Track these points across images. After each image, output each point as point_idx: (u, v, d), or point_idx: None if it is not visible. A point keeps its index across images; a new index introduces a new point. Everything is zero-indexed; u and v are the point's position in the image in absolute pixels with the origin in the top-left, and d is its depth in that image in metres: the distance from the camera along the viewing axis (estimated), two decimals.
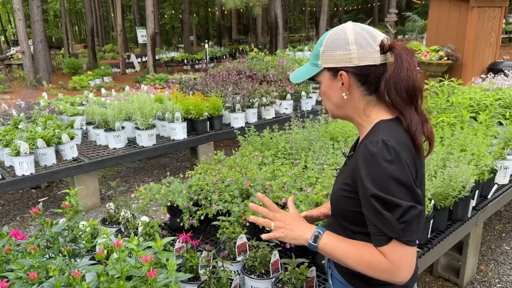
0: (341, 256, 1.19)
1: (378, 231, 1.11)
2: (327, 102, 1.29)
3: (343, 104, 1.24)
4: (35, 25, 15.70)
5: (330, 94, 1.25)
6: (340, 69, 1.19)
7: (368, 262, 1.14)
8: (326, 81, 1.24)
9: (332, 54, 1.19)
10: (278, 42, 17.20)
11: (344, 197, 1.23)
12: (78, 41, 40.30)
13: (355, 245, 1.20)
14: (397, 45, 1.17)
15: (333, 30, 1.22)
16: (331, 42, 1.20)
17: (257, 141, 3.28)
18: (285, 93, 6.19)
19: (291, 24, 38.68)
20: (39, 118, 4.82)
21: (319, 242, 1.22)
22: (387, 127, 1.17)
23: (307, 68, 1.28)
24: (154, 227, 2.24)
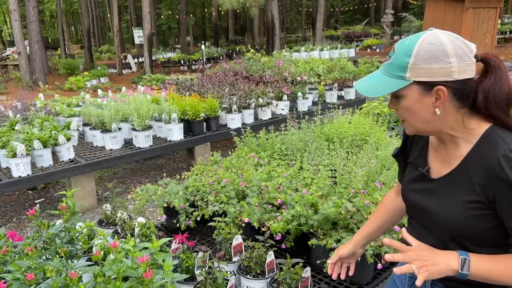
0: (499, 278, 1.10)
1: None
2: (411, 118, 1.17)
3: (433, 119, 1.14)
4: (31, 25, 15.66)
5: (418, 110, 1.13)
6: (437, 84, 1.09)
7: None
8: (414, 96, 1.12)
9: (429, 67, 1.08)
10: (275, 43, 17.23)
11: (474, 217, 1.13)
12: (74, 41, 40.22)
13: (508, 261, 1.11)
14: (491, 56, 1.13)
15: (422, 40, 1.10)
16: (426, 54, 1.08)
17: (253, 142, 3.30)
18: (282, 94, 6.22)
19: (288, 24, 38.76)
20: (35, 120, 4.82)
21: (470, 268, 1.10)
22: (506, 134, 1.12)
23: (385, 80, 1.15)
24: (151, 228, 2.26)
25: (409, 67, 1.09)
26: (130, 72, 19.58)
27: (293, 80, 6.93)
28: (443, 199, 1.20)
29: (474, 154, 1.14)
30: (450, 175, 1.20)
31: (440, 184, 1.22)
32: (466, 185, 1.14)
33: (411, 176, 1.33)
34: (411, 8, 27.88)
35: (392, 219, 1.55)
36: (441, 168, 1.23)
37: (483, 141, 1.13)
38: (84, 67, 19.43)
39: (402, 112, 1.17)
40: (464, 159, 1.16)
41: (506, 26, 18.80)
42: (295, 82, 6.90)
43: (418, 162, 1.31)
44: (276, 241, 2.21)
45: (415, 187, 1.30)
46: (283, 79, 6.76)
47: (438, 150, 1.26)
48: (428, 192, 1.25)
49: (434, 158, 1.27)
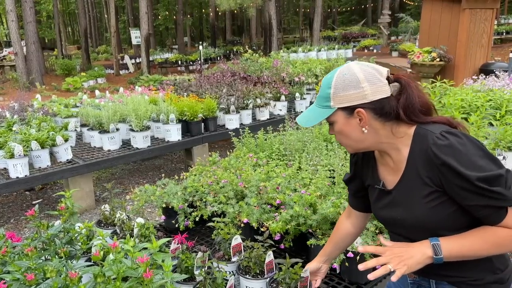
0: (470, 252, 1.20)
1: (494, 210, 1.16)
2: (346, 140, 1.32)
3: (364, 137, 1.28)
4: (28, 26, 15.63)
5: (348, 131, 1.29)
6: (356, 107, 1.24)
7: (498, 242, 1.18)
8: (341, 120, 1.28)
9: (345, 94, 1.24)
10: (272, 43, 17.24)
11: (437, 206, 1.23)
12: (71, 42, 40.13)
13: (475, 236, 1.21)
14: (402, 76, 1.28)
15: (338, 73, 1.26)
16: (342, 83, 1.24)
17: (251, 143, 3.31)
18: (279, 94, 6.23)
19: (285, 25, 38.78)
20: (33, 120, 4.81)
21: (443, 251, 1.20)
22: (431, 127, 1.25)
23: (316, 111, 1.30)
24: (150, 228, 2.26)
25: (331, 97, 1.26)
26: (127, 73, 19.56)
27: (291, 80, 6.94)
28: (405, 203, 1.29)
29: (413, 152, 1.26)
30: (402, 179, 1.30)
31: (397, 192, 1.32)
32: (418, 182, 1.25)
33: (374, 197, 1.43)
34: (408, 9, 27.96)
35: (344, 241, 1.67)
36: (393, 178, 1.34)
37: (416, 139, 1.26)
38: (81, 68, 19.40)
39: (338, 136, 1.33)
40: (408, 160, 1.28)
41: (502, 27, 18.90)
42: (292, 83, 6.92)
43: (374, 181, 1.42)
44: (275, 241, 2.22)
45: (380, 204, 1.39)
46: (281, 79, 6.77)
47: (385, 163, 1.37)
48: (391, 203, 1.35)
49: (385, 172, 1.38)
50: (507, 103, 4.06)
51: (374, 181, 1.41)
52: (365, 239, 1.98)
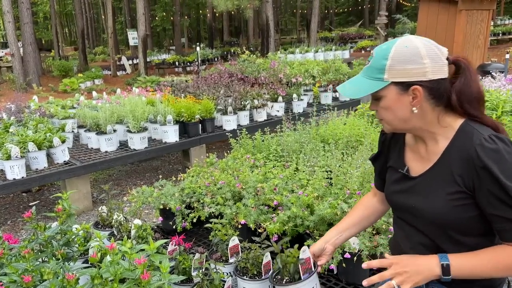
0: (481, 273, 1.16)
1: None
2: (390, 117, 1.24)
3: (410, 118, 1.22)
4: (25, 27, 15.60)
5: (396, 108, 1.21)
6: (413, 83, 1.17)
7: (510, 266, 1.14)
8: (392, 96, 1.20)
9: (404, 68, 1.17)
10: (270, 44, 17.26)
11: (458, 207, 1.18)
12: (68, 43, 40.06)
13: (487, 255, 1.16)
14: (462, 59, 1.21)
15: (398, 44, 1.19)
16: (401, 56, 1.17)
17: (249, 144, 3.31)
18: (277, 95, 6.23)
19: (282, 26, 38.82)
20: (30, 122, 4.80)
21: (452, 272, 1.15)
22: (479, 126, 1.19)
23: (365, 83, 1.23)
24: (147, 230, 2.26)
25: (386, 69, 1.18)
26: (124, 74, 19.53)
27: (288, 81, 6.95)
28: (426, 194, 1.25)
29: (452, 147, 1.21)
30: (430, 170, 1.26)
31: (422, 181, 1.27)
32: (447, 178, 1.20)
33: (393, 179, 1.39)
34: (405, 10, 28.04)
35: (368, 216, 1.58)
36: (420, 166, 1.30)
37: (460, 135, 1.20)
38: (78, 69, 19.35)
39: (382, 112, 1.25)
40: (443, 153, 1.23)
41: (498, 28, 18.97)
42: (290, 84, 6.93)
43: (397, 165, 1.38)
44: (272, 242, 2.22)
45: (397, 188, 1.35)
46: (278, 80, 6.78)
47: (416, 149, 1.32)
48: (411, 190, 1.30)
49: (412, 158, 1.34)
50: (503, 104, 4.08)
51: (397, 164, 1.37)
52: (362, 239, 1.98)
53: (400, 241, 1.39)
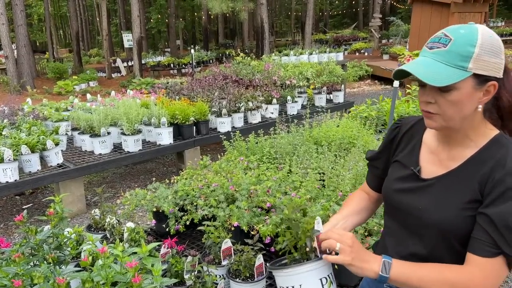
0: (419, 282, 1.10)
1: (491, 242, 1.05)
2: (453, 112, 1.09)
3: (471, 116, 1.11)
4: (19, 29, 15.52)
5: (466, 104, 1.08)
6: (490, 79, 1.06)
7: (454, 282, 1.08)
8: (468, 89, 1.06)
9: (489, 60, 1.05)
10: (265, 47, 17.29)
11: (470, 217, 1.11)
12: (63, 45, 39.91)
13: (433, 268, 1.12)
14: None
15: (483, 32, 1.06)
16: (489, 46, 1.05)
17: (242, 146, 3.32)
18: (271, 97, 6.25)
19: (277, 28, 38.91)
20: (23, 124, 4.78)
21: (390, 271, 1.12)
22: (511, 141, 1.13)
23: (445, 69, 1.06)
24: (140, 233, 2.25)
25: (473, 58, 1.04)
26: (119, 76, 19.48)
27: (283, 83, 6.97)
28: (440, 198, 1.17)
29: (481, 155, 1.13)
30: (448, 175, 1.17)
31: (435, 184, 1.19)
32: (466, 185, 1.13)
33: (398, 175, 1.29)
34: (399, 12, 28.21)
35: (366, 209, 1.48)
36: (433, 169, 1.21)
37: (492, 145, 1.13)
38: (72, 71, 19.28)
39: (445, 106, 1.09)
40: (468, 160, 1.15)
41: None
42: (284, 86, 6.94)
43: (408, 161, 1.28)
44: (265, 244, 2.22)
45: (404, 187, 1.25)
46: (273, 83, 6.79)
47: (435, 151, 1.23)
48: (421, 191, 1.21)
49: (427, 159, 1.24)
50: None
51: (408, 161, 1.28)
52: None
53: (389, 245, 1.33)
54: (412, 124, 1.34)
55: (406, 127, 1.34)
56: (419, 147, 1.28)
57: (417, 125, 1.33)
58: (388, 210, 1.35)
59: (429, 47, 1.09)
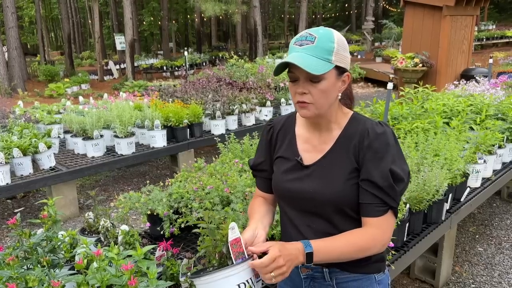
0: (340, 255, 1.26)
1: (380, 202, 1.26)
2: (323, 100, 1.27)
3: (333, 102, 1.32)
4: (10, 31, 15.39)
5: (331, 92, 1.28)
6: (345, 70, 1.29)
7: (363, 245, 1.26)
8: (332, 79, 1.26)
9: (344, 55, 1.27)
10: (258, 49, 17.32)
11: (354, 185, 1.29)
12: (54, 48, 39.64)
13: (344, 238, 1.28)
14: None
15: (334, 32, 1.28)
16: (342, 43, 1.27)
17: (237, 148, 3.31)
18: (265, 100, 6.25)
19: (270, 31, 39.00)
20: (14, 127, 4.73)
21: (314, 257, 1.22)
22: (366, 117, 1.37)
23: (316, 61, 1.22)
24: (134, 235, 2.24)
25: (334, 52, 1.24)
26: (112, 79, 19.38)
27: (276, 86, 6.98)
28: (325, 178, 1.33)
29: (346, 132, 1.34)
30: (326, 156, 1.35)
31: (318, 167, 1.35)
32: (343, 160, 1.31)
33: (284, 168, 1.42)
34: (391, 15, 28.41)
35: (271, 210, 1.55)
36: (312, 155, 1.38)
37: (353, 121, 1.35)
38: (64, 74, 19.14)
39: (316, 95, 1.26)
40: (338, 139, 1.34)
41: (482, 33, 19.33)
42: (278, 88, 6.95)
43: (289, 154, 1.43)
44: None
45: (292, 177, 1.39)
46: (267, 85, 6.80)
47: (309, 141, 1.40)
48: (307, 177, 1.36)
49: (304, 148, 1.41)
50: (487, 108, 4.15)
51: (289, 153, 1.42)
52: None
53: (293, 233, 1.44)
54: (283, 123, 1.50)
55: (279, 126, 1.50)
56: (294, 140, 1.44)
57: (287, 122, 1.50)
58: (283, 203, 1.47)
59: (298, 44, 1.26)
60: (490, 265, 3.36)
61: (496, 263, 3.38)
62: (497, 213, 4.27)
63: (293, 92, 1.31)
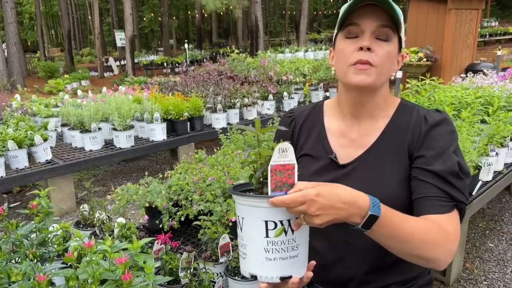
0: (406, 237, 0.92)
1: (445, 196, 1.01)
2: (387, 68, 1.07)
3: (387, 79, 1.12)
4: (9, 27, 15.24)
5: (393, 61, 1.10)
6: (401, 45, 1.11)
7: (436, 238, 0.94)
8: (395, 48, 1.09)
9: (403, 36, 1.12)
10: (259, 45, 17.16)
11: (407, 188, 1.07)
12: (55, 44, 39.50)
13: (418, 221, 0.97)
14: None
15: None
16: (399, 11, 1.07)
17: (239, 140, 3.19)
18: (267, 93, 6.12)
19: (271, 28, 38.82)
20: (10, 120, 4.60)
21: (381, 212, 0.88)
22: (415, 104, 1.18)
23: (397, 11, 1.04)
24: (131, 228, 2.12)
25: (400, 20, 1.06)
26: (112, 75, 19.23)
27: (279, 80, 6.85)
28: (370, 179, 1.09)
29: (396, 121, 1.13)
30: (370, 152, 1.12)
31: (359, 165, 1.12)
32: (393, 155, 1.09)
33: (314, 169, 1.17)
34: None
35: None
36: (350, 151, 1.14)
37: (402, 109, 1.15)
38: (64, 70, 19.00)
39: (382, 55, 1.05)
40: (385, 129, 1.13)
41: (485, 30, 19.16)
42: (280, 82, 6.82)
43: (318, 151, 1.18)
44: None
45: (323, 179, 1.11)
46: (269, 78, 6.66)
47: (344, 134, 1.18)
48: (345, 178, 1.11)
49: (338, 144, 1.17)
50: (498, 99, 4.02)
51: (318, 151, 1.18)
52: None
53: (320, 244, 1.15)
54: (307, 114, 1.27)
55: (302, 118, 1.26)
56: (324, 133, 1.21)
57: (313, 113, 1.26)
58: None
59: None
60: (502, 262, 3.23)
61: (508, 259, 3.25)
62: (507, 208, 4.15)
63: (350, 49, 1.06)
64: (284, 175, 0.87)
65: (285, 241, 0.88)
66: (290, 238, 0.89)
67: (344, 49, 1.08)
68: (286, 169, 0.87)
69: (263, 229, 0.88)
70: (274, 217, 0.88)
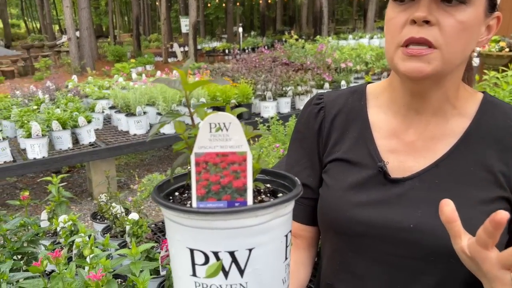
0: None
1: None
2: (460, 46, 0.70)
3: (468, 54, 0.74)
4: (82, 12, 15.97)
5: (473, 34, 0.71)
6: (496, 9, 0.73)
7: None
8: (480, 11, 0.70)
9: None
10: (323, 33, 16.50)
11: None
12: (126, 30, 41.21)
13: None
14: None
15: None
16: None
17: (280, 131, 2.85)
18: (323, 82, 5.68)
19: (338, 16, 37.57)
20: (61, 100, 4.62)
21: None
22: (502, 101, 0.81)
23: None
24: (143, 227, 1.88)
25: None
26: (175, 61, 19.59)
27: (337, 67, 6.36)
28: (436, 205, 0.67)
29: (481, 123, 0.76)
30: (440, 165, 0.74)
31: (424, 183, 0.74)
32: (479, 172, 0.72)
33: (353, 180, 0.80)
34: None
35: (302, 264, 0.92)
36: (408, 160, 0.77)
37: (489, 107, 0.77)
38: (131, 55, 19.67)
39: (451, 29, 0.68)
40: (466, 133, 0.75)
41: None
42: (339, 70, 6.33)
43: (359, 156, 0.80)
44: None
45: (366, 197, 0.77)
46: (326, 66, 6.20)
47: (399, 133, 0.80)
48: (401, 199, 0.75)
49: (390, 147, 0.80)
50: None
51: (362, 155, 0.81)
52: None
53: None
54: (344, 102, 0.88)
55: (336, 107, 0.87)
56: (369, 131, 0.82)
57: (351, 101, 0.87)
58: (341, 244, 0.82)
59: None
60: None
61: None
62: None
63: (399, 21, 0.71)
64: (223, 172, 0.47)
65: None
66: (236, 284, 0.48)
67: (391, 20, 0.72)
68: (229, 162, 0.47)
69: (189, 263, 0.49)
70: (205, 245, 0.47)
